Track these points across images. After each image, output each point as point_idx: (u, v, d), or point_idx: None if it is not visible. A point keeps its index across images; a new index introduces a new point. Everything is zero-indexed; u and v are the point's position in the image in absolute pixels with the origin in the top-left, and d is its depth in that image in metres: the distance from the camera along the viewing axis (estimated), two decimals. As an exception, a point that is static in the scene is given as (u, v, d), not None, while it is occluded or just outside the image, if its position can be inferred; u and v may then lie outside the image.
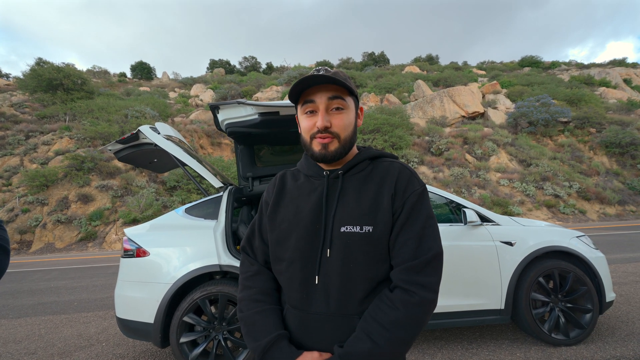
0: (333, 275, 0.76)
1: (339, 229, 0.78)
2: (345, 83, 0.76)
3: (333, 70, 0.80)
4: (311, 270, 0.78)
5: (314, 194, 0.84)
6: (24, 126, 16.32)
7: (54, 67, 19.06)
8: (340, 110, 0.79)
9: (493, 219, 2.67)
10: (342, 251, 0.76)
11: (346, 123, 0.80)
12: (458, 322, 2.45)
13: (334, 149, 0.80)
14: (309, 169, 0.88)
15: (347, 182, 0.83)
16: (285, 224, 0.84)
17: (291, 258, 0.81)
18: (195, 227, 2.56)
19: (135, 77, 37.28)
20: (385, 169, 0.83)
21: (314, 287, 0.78)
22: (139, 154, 2.96)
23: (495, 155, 15.44)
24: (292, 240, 0.81)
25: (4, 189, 12.85)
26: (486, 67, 36.32)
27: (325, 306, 0.77)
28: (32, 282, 5.91)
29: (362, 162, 0.85)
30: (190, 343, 2.33)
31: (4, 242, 0.79)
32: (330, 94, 0.78)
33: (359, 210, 0.78)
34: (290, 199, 0.87)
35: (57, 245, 11.28)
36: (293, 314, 0.81)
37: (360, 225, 0.77)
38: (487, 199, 12.67)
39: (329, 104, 0.78)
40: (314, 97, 0.79)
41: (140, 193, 12.52)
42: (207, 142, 17.49)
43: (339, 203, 0.80)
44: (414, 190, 0.79)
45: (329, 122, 0.78)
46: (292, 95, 0.81)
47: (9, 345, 3.09)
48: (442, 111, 19.13)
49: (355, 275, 0.76)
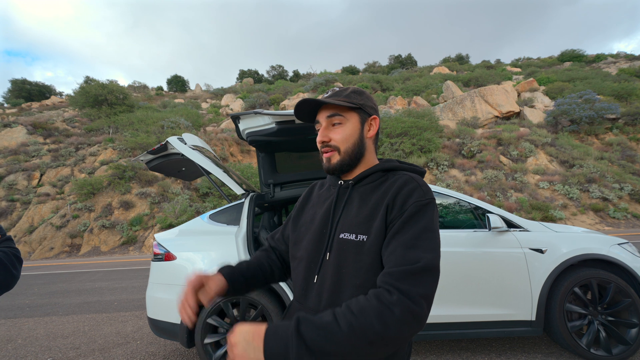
0: (328, 277, 0.82)
1: (339, 235, 0.82)
2: (333, 102, 0.83)
3: (339, 89, 0.88)
4: (313, 270, 0.85)
5: (328, 201, 0.92)
6: (74, 139, 17.90)
7: (99, 84, 20.80)
8: (338, 125, 0.86)
9: (521, 224, 2.53)
10: (337, 256, 0.82)
11: (345, 136, 0.85)
12: (483, 333, 2.34)
13: (335, 161, 0.86)
14: (330, 179, 0.98)
15: (355, 192, 0.88)
16: (304, 228, 0.93)
17: (301, 257, 0.90)
18: (218, 232, 2.67)
19: (170, 89, 39.61)
20: (394, 182, 0.83)
21: (312, 285, 0.85)
22: (168, 164, 3.15)
23: (533, 157, 14.53)
24: (304, 242, 0.90)
25: (57, 197, 14.12)
26: (521, 64, 34.49)
27: (318, 303, 0.83)
28: (79, 283, 6.43)
29: (374, 173, 0.88)
30: (214, 344, 2.43)
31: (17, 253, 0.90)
32: (329, 113, 0.86)
33: (357, 219, 0.82)
34: (312, 206, 0.97)
35: (103, 249, 12.16)
36: (294, 306, 0.91)
37: (356, 233, 0.80)
38: (525, 202, 11.94)
39: (328, 122, 0.86)
40: (318, 118, 0.89)
41: (175, 200, 13.22)
42: (237, 149, 18.13)
43: (344, 211, 0.86)
44: (415, 202, 0.76)
45: (327, 137, 0.86)
46: (300, 117, 0.92)
47: (57, 339, 3.39)
48: (473, 112, 18.39)
49: (345, 279, 0.80)
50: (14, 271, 0.84)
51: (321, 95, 0.89)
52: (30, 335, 3.57)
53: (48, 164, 15.99)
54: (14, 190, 14.72)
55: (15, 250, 0.88)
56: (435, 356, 2.57)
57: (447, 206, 2.74)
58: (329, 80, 27.86)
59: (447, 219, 2.69)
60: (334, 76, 29.88)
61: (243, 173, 13.53)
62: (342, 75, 32.30)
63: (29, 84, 34.89)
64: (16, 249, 0.88)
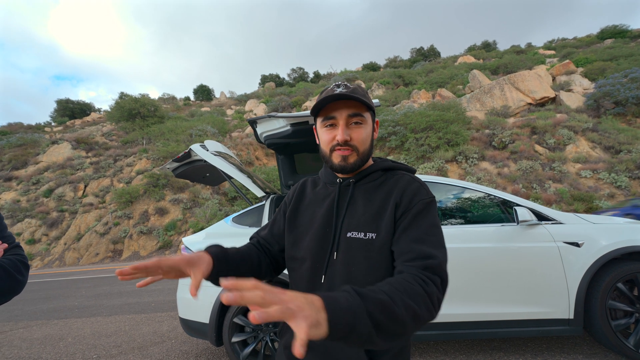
0: (337, 276, 0.81)
1: (345, 234, 0.82)
2: (363, 100, 0.81)
3: (352, 86, 0.85)
4: (319, 270, 0.84)
5: (327, 199, 0.90)
6: (112, 152, 19.16)
7: (132, 98, 22.14)
8: (359, 125, 0.84)
9: (554, 217, 2.38)
10: (346, 255, 0.81)
11: (364, 137, 0.85)
12: (516, 332, 2.22)
13: (353, 161, 0.85)
14: (326, 176, 0.95)
15: (358, 190, 0.88)
16: (302, 227, 0.91)
17: (303, 257, 0.88)
18: (240, 234, 2.75)
19: (197, 99, 41.26)
20: (396, 181, 0.86)
21: (320, 285, 0.83)
22: (193, 170, 3.29)
23: (572, 144, 13.55)
24: (305, 242, 0.88)
25: (100, 206, 15.18)
26: (556, 46, 32.31)
27: None
28: (121, 286, 6.87)
29: (374, 172, 0.89)
30: (241, 343, 2.50)
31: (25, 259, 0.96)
32: (351, 111, 0.83)
33: (364, 217, 0.82)
34: (308, 204, 0.94)
35: (142, 254, 12.91)
36: None
37: (365, 232, 0.81)
38: (566, 193, 11.17)
39: (348, 120, 0.84)
40: (334, 113, 0.84)
41: (205, 204, 13.75)
42: (262, 153, 18.53)
43: (348, 209, 0.85)
44: (420, 199, 0.80)
45: (348, 136, 0.83)
46: (314, 110, 0.87)
47: (102, 338, 3.65)
48: (503, 101, 17.48)
49: (356, 278, 0.79)
50: (19, 277, 0.91)
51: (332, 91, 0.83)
52: (78, 334, 3.87)
53: (91, 175, 17.24)
54: (62, 201, 16.02)
55: (23, 257, 0.95)
56: (464, 356, 2.47)
57: (472, 200, 2.63)
58: (349, 78, 27.70)
59: (473, 214, 2.58)
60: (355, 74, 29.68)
61: (268, 176, 13.80)
62: (362, 73, 31.99)
63: (71, 103, 37.85)
64: (23, 256, 0.96)
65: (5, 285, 0.88)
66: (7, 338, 3.92)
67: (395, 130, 15.13)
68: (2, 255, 0.91)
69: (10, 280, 0.89)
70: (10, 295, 0.90)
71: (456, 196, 2.66)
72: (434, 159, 13.71)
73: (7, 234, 0.96)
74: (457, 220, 2.55)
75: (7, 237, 0.95)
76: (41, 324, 4.46)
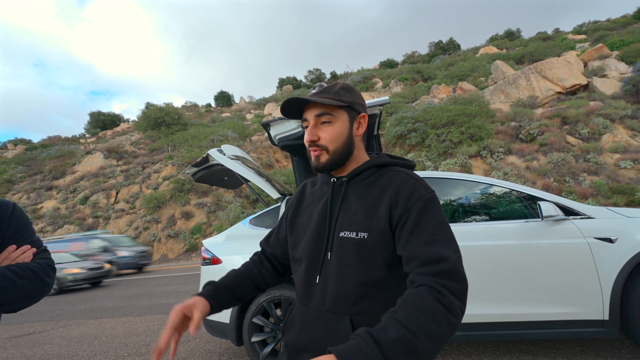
0: (330, 276, 0.81)
1: (338, 233, 0.82)
2: (320, 100, 0.80)
3: (327, 86, 0.84)
4: (314, 270, 0.84)
5: (322, 200, 0.90)
6: (140, 159, 20.09)
7: (157, 107, 23.12)
8: (327, 123, 0.83)
9: (583, 211, 2.23)
10: (339, 255, 0.80)
11: (334, 135, 0.83)
12: (544, 334, 2.10)
13: (324, 160, 0.84)
14: (322, 177, 0.95)
15: (350, 189, 0.86)
16: (301, 229, 0.91)
17: (300, 258, 0.88)
18: (257, 236, 2.79)
19: (218, 105, 42.40)
20: (390, 178, 0.84)
21: (315, 285, 0.84)
22: (211, 174, 3.38)
23: (609, 133, 12.68)
24: (303, 243, 0.88)
25: (130, 212, 15.94)
26: (587, 30, 30.42)
27: (321, 303, 0.81)
28: (151, 287, 7.18)
29: (368, 169, 0.87)
30: (261, 342, 2.53)
31: (52, 263, 1.02)
32: (317, 111, 0.83)
33: (356, 217, 0.81)
34: (306, 205, 0.95)
35: (170, 256, 13.42)
36: (298, 307, 0.88)
37: (356, 231, 0.79)
38: (603, 186, 10.47)
39: (317, 120, 0.83)
40: (306, 115, 0.85)
41: (228, 208, 14.09)
42: (281, 155, 18.75)
43: (341, 209, 0.84)
44: (419, 197, 0.77)
45: (316, 136, 0.83)
46: (287, 114, 0.88)
47: (132, 337, 3.82)
48: (529, 91, 16.67)
49: (349, 278, 0.78)
50: (47, 279, 0.97)
51: (308, 93, 0.86)
52: (111, 333, 4.08)
53: (121, 183, 18.15)
54: (97, 208, 16.98)
55: (50, 260, 1.01)
56: (489, 358, 2.38)
57: (492, 196, 2.53)
58: (366, 77, 27.47)
59: (495, 210, 2.48)
60: (372, 72, 29.39)
61: (288, 178, 13.94)
62: (379, 71, 31.61)
63: (103, 115, 40.09)
64: (50, 259, 1.02)
65: (35, 288, 0.94)
66: (49, 336, 4.20)
67: (415, 127, 14.82)
68: (31, 260, 0.97)
69: (40, 283, 0.95)
70: (40, 296, 0.97)
71: (474, 192, 2.56)
72: (457, 155, 13.29)
73: (35, 239, 1.03)
74: (477, 217, 2.46)
75: (35, 242, 1.02)
76: (79, 323, 4.75)
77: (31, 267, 0.94)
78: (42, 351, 3.62)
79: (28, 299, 0.92)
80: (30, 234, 1.03)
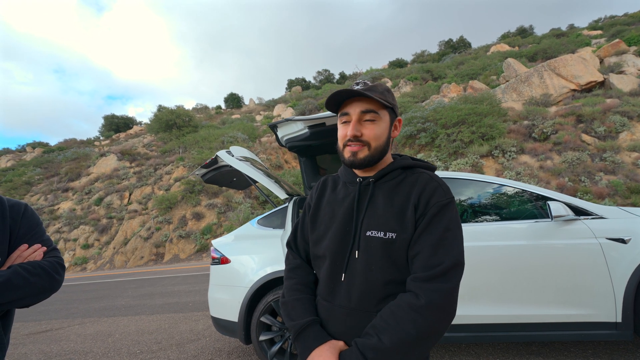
0: (357, 274, 0.83)
1: (365, 232, 0.84)
2: (375, 98, 0.82)
3: (371, 84, 0.86)
4: (339, 268, 0.86)
5: (348, 199, 0.91)
6: (152, 161, 20.48)
7: (168, 110, 23.50)
8: (372, 121, 0.85)
9: (594, 211, 2.19)
10: (366, 253, 0.82)
11: (377, 133, 0.86)
12: (554, 336, 2.06)
13: (363, 156, 0.86)
14: (346, 175, 0.96)
15: (378, 189, 0.88)
16: (323, 226, 0.93)
17: (324, 256, 0.90)
18: (265, 236, 2.83)
19: (228, 107, 42.87)
20: (415, 180, 0.87)
21: (340, 283, 0.85)
22: (220, 175, 3.44)
23: (627, 131, 12.28)
24: (326, 241, 0.90)
25: (143, 213, 16.26)
26: (603, 25, 29.58)
27: (347, 301, 0.83)
28: (162, 287, 7.32)
29: (394, 170, 0.90)
30: (269, 341, 2.56)
31: (61, 261, 1.06)
32: (363, 108, 0.85)
33: (384, 217, 0.83)
34: (328, 203, 0.96)
35: (181, 257, 13.64)
36: (321, 304, 0.89)
37: (384, 231, 0.82)
38: (621, 186, 10.15)
39: (361, 116, 0.85)
40: (348, 110, 0.87)
41: (238, 208, 14.23)
42: (290, 156, 18.84)
43: (368, 208, 0.86)
44: (436, 202, 0.80)
45: (359, 132, 0.85)
46: (329, 106, 0.91)
47: (144, 335, 3.91)
48: (542, 89, 16.31)
49: (375, 276, 0.81)
50: (57, 277, 1.02)
51: (354, 87, 0.85)
52: (124, 331, 4.18)
53: (134, 184, 18.54)
54: (110, 209, 17.38)
55: (59, 258, 1.06)
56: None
57: (501, 196, 2.50)
58: (375, 77, 27.35)
59: (503, 210, 2.45)
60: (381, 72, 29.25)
61: (297, 179, 13.99)
62: (389, 70, 31.42)
63: (116, 118, 40.99)
64: (60, 258, 1.07)
65: (46, 285, 0.99)
66: (65, 333, 4.33)
67: (425, 127, 14.69)
68: (42, 258, 1.02)
69: (51, 280, 1.00)
70: (50, 292, 1.02)
71: (483, 192, 2.53)
72: (468, 155, 13.10)
73: (45, 238, 1.08)
74: (487, 217, 2.44)
75: (45, 241, 1.07)
76: (93, 321, 4.88)
77: (42, 265, 0.99)
78: (58, 347, 3.74)
79: (39, 295, 0.97)
80: (41, 234, 1.08)
